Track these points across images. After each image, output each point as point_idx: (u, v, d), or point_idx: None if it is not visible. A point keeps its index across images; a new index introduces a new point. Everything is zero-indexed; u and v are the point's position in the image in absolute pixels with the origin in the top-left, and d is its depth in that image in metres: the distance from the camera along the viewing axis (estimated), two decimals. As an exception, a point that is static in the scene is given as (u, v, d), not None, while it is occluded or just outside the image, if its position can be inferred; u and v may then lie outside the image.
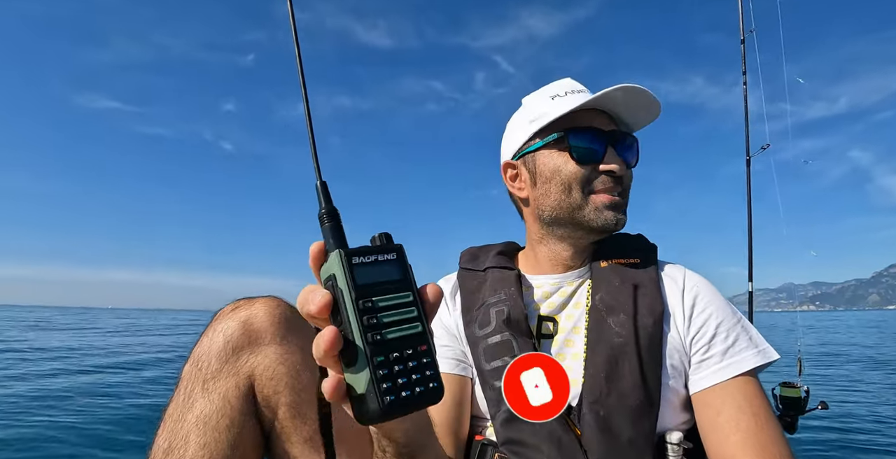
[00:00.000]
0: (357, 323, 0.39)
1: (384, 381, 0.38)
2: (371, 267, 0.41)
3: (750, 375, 0.83)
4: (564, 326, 0.90)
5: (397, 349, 0.40)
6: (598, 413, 0.78)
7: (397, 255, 0.43)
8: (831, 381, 8.26)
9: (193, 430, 0.69)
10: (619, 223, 0.88)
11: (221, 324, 0.76)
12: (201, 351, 0.74)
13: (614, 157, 0.87)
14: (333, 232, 0.44)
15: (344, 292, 0.40)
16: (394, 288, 0.42)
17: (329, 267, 0.41)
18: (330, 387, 0.41)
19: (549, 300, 0.92)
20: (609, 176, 0.87)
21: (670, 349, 0.84)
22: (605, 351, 0.81)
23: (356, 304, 0.39)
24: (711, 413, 0.80)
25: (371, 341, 0.39)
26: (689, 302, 0.87)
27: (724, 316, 0.87)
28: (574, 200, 0.88)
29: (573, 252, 0.94)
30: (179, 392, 0.73)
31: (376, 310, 0.40)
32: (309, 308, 0.40)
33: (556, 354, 0.87)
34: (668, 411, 0.82)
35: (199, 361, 0.73)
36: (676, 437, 0.80)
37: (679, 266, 0.96)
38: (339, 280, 0.40)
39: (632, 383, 0.79)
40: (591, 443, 0.77)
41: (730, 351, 0.83)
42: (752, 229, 3.49)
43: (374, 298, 0.40)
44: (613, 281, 0.88)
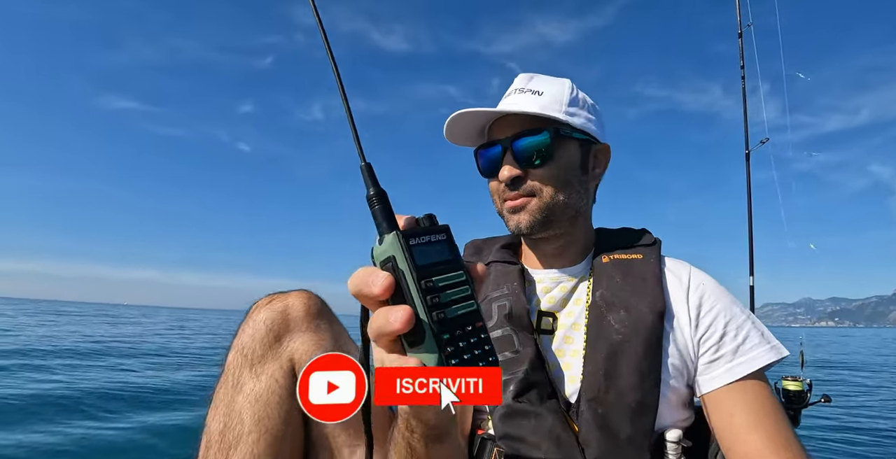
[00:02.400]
0: (423, 303, 0.40)
1: (452, 357, 0.40)
2: (426, 247, 0.42)
3: (761, 373, 0.82)
4: (564, 322, 0.89)
5: (459, 326, 0.41)
6: (596, 411, 0.77)
7: (446, 236, 0.44)
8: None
9: (247, 408, 0.75)
10: (522, 225, 0.88)
11: (261, 315, 0.81)
12: (244, 340, 0.80)
13: (507, 166, 0.86)
14: (385, 214, 0.44)
15: (406, 273, 0.41)
16: (448, 267, 0.43)
17: (386, 249, 0.42)
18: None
19: (548, 295, 0.92)
20: (505, 183, 0.88)
21: (672, 347, 0.83)
22: (604, 349, 0.81)
23: (419, 284, 0.40)
24: (727, 412, 0.79)
25: (437, 319, 0.40)
26: (696, 302, 0.86)
27: (733, 314, 0.86)
28: (498, 209, 0.93)
29: (547, 249, 0.95)
30: (227, 378, 0.78)
31: (437, 290, 0.41)
32: (370, 290, 0.41)
33: (556, 350, 0.87)
34: (667, 409, 0.81)
35: (244, 349, 0.79)
36: (675, 435, 0.80)
37: (684, 262, 0.94)
38: (400, 261, 0.41)
39: (631, 381, 0.78)
40: (589, 440, 0.76)
41: (741, 348, 0.82)
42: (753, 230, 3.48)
43: (434, 278, 0.41)
44: (614, 277, 0.88)
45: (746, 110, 3.62)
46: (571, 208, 0.89)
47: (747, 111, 3.62)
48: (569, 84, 0.92)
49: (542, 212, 0.87)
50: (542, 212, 0.87)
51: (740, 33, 3.71)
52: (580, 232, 0.96)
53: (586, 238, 0.97)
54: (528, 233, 0.89)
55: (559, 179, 0.87)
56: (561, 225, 0.91)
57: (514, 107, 0.87)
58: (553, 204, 0.87)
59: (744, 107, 3.64)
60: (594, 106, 0.94)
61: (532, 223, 0.87)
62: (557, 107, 0.87)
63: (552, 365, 0.85)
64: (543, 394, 0.81)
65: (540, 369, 0.83)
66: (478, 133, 0.94)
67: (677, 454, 0.79)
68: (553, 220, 0.88)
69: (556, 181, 0.87)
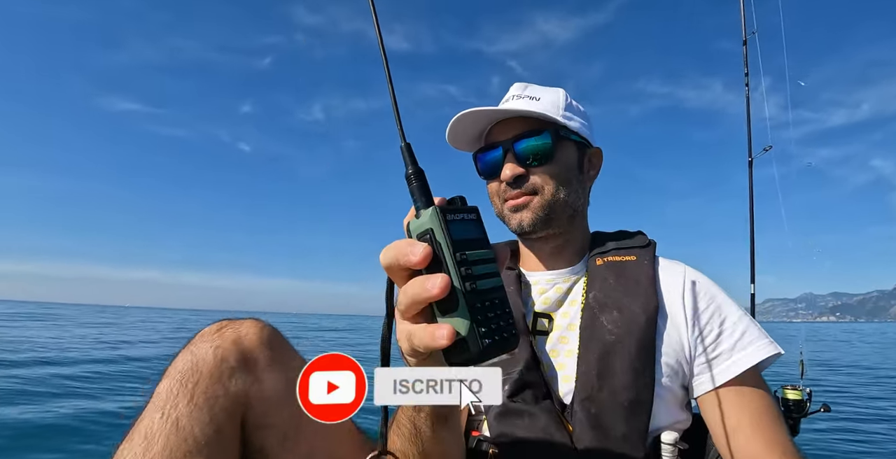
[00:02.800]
0: (457, 273, 0.43)
1: (482, 325, 0.42)
2: (460, 224, 0.45)
3: (758, 373, 0.83)
4: (560, 323, 0.90)
5: (488, 298, 0.44)
6: (589, 411, 0.78)
7: (476, 216, 0.48)
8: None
9: (176, 446, 0.62)
10: (524, 223, 0.91)
11: (210, 343, 0.72)
12: (186, 367, 0.69)
13: (509, 165, 0.90)
14: (422, 191, 0.47)
15: (443, 245, 0.43)
16: (479, 244, 0.46)
17: (424, 222, 0.45)
18: (450, 332, 0.42)
19: (544, 296, 0.93)
20: (508, 184, 0.91)
21: (667, 347, 0.83)
22: (597, 349, 0.81)
23: (454, 256, 0.43)
24: (723, 412, 0.80)
25: (469, 289, 0.43)
26: (691, 301, 0.87)
27: (728, 312, 0.87)
28: (498, 211, 0.96)
29: (544, 250, 0.97)
30: (156, 409, 0.65)
31: (470, 263, 0.44)
32: (408, 258, 0.43)
33: (550, 351, 0.88)
34: (662, 409, 0.82)
35: (184, 378, 0.68)
36: (672, 438, 0.80)
37: (679, 262, 0.95)
38: (437, 234, 0.44)
39: (624, 380, 0.79)
40: (583, 440, 0.77)
41: (737, 345, 0.83)
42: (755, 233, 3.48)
43: (468, 252, 0.44)
44: (608, 279, 0.89)
45: (750, 119, 3.62)
46: (570, 207, 0.92)
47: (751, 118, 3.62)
48: (563, 92, 0.96)
49: (544, 210, 0.90)
50: (544, 210, 0.90)
51: (745, 40, 3.72)
52: (577, 233, 0.98)
53: (582, 239, 0.99)
54: (530, 232, 0.91)
55: (560, 178, 0.90)
56: (561, 223, 0.93)
57: (517, 108, 0.90)
58: (554, 201, 0.90)
59: (747, 116, 3.64)
60: (585, 112, 0.99)
61: (534, 220, 0.90)
62: (555, 111, 0.91)
63: (546, 366, 0.86)
64: (538, 394, 0.82)
65: (534, 369, 0.84)
66: (476, 138, 0.97)
67: (673, 456, 0.79)
68: (553, 218, 0.91)
69: (556, 179, 0.90)
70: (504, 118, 0.93)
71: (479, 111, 0.90)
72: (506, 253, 0.49)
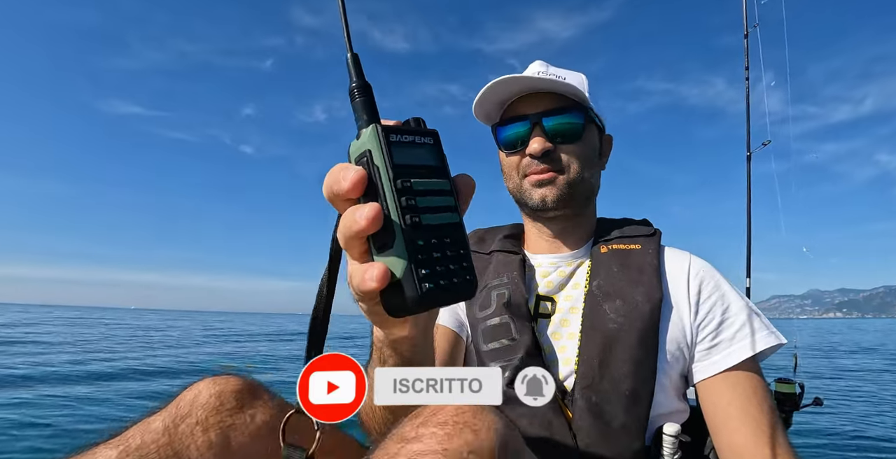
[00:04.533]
0: (395, 203, 0.36)
1: (423, 266, 0.36)
2: (408, 147, 0.38)
3: (756, 362, 0.84)
4: (562, 306, 0.90)
5: (435, 235, 0.37)
6: (590, 399, 0.78)
7: (433, 140, 0.40)
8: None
9: None
10: (548, 199, 0.89)
11: (204, 431, 0.60)
12: (164, 455, 0.57)
13: (536, 138, 0.88)
14: (366, 107, 0.40)
15: (381, 169, 0.37)
16: (431, 173, 0.39)
17: (362, 143, 0.38)
18: (381, 273, 0.36)
19: (546, 279, 0.93)
20: (533, 158, 0.89)
21: (670, 337, 0.84)
22: (599, 338, 0.81)
23: (394, 183, 0.36)
24: (720, 399, 0.80)
25: (410, 223, 0.36)
26: (695, 289, 0.87)
27: (731, 300, 0.87)
28: (514, 185, 0.94)
29: (554, 229, 0.96)
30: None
31: (414, 193, 0.37)
32: (340, 185, 0.37)
33: (552, 333, 0.88)
34: (663, 398, 0.82)
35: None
36: (674, 429, 0.80)
37: (684, 251, 0.95)
38: (376, 156, 0.37)
39: (625, 370, 0.79)
40: (582, 428, 0.77)
41: (738, 334, 0.83)
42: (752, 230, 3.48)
43: (413, 179, 0.37)
44: (612, 267, 0.88)
45: (749, 113, 3.62)
46: (588, 189, 0.93)
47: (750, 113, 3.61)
48: (584, 77, 0.95)
49: (568, 188, 0.89)
50: (568, 188, 0.89)
51: (746, 34, 3.69)
52: (588, 216, 0.98)
53: (590, 223, 0.99)
54: (551, 208, 0.90)
55: (585, 158, 0.91)
56: (578, 204, 0.93)
57: (555, 82, 0.87)
58: (578, 181, 0.90)
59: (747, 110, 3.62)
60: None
61: (557, 197, 0.89)
62: (583, 92, 0.90)
63: (547, 349, 0.86)
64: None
65: (536, 356, 0.83)
66: (496, 109, 0.95)
67: (674, 448, 0.79)
68: (574, 198, 0.91)
69: (581, 159, 0.90)
70: (531, 91, 0.91)
71: (521, 78, 0.87)
72: (473, 183, 0.42)
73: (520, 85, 0.89)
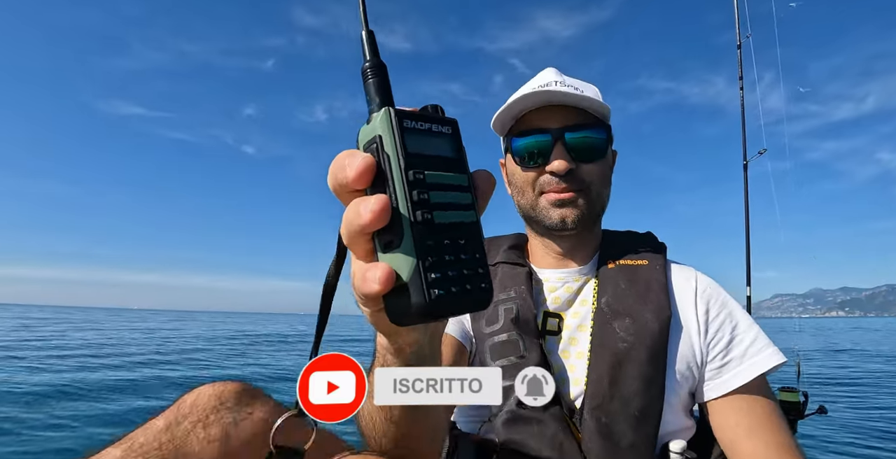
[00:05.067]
0: (406, 197, 0.31)
1: (433, 270, 0.31)
2: (424, 136, 0.34)
3: (765, 379, 0.83)
4: (570, 324, 0.88)
5: (449, 236, 0.33)
6: (599, 420, 0.77)
7: (452, 130, 0.36)
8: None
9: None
10: (568, 220, 0.85)
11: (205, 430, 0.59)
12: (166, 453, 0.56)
13: (560, 156, 0.83)
14: (379, 89, 0.35)
15: (391, 158, 0.32)
16: (447, 166, 0.34)
17: (373, 127, 0.33)
18: (384, 274, 0.31)
19: (554, 295, 0.91)
20: (556, 176, 0.84)
21: (680, 355, 0.83)
22: (608, 357, 0.80)
23: (405, 174, 0.32)
24: (734, 417, 0.80)
25: (420, 220, 0.31)
26: (703, 307, 0.86)
27: (738, 318, 0.87)
28: (528, 201, 0.89)
29: (564, 246, 0.93)
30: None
31: (427, 186, 0.32)
32: (345, 173, 0.32)
33: (561, 352, 0.86)
34: (671, 416, 0.81)
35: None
36: (679, 446, 0.79)
37: (689, 267, 0.94)
38: (387, 143, 0.32)
39: (635, 389, 0.77)
40: (592, 449, 0.76)
41: (748, 351, 0.83)
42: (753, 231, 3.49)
43: (427, 172, 0.33)
44: (620, 284, 0.87)
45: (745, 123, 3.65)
46: (603, 207, 0.91)
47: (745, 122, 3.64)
48: (597, 89, 0.92)
49: (588, 208, 0.86)
50: (588, 208, 0.86)
51: (739, 44, 3.74)
52: (596, 232, 0.96)
53: (596, 238, 0.96)
54: (571, 228, 0.86)
55: (605, 177, 0.88)
56: (594, 222, 0.91)
57: (582, 98, 0.83)
58: (597, 201, 0.88)
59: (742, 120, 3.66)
60: None
61: (578, 218, 0.85)
62: (606, 108, 0.86)
63: (556, 368, 0.84)
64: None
65: None
66: (510, 118, 0.90)
67: None
68: (592, 218, 0.89)
69: (603, 178, 0.88)
70: (553, 104, 0.85)
71: (552, 92, 0.83)
72: (493, 181, 0.38)
73: (542, 97, 0.84)
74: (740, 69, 3.67)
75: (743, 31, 3.74)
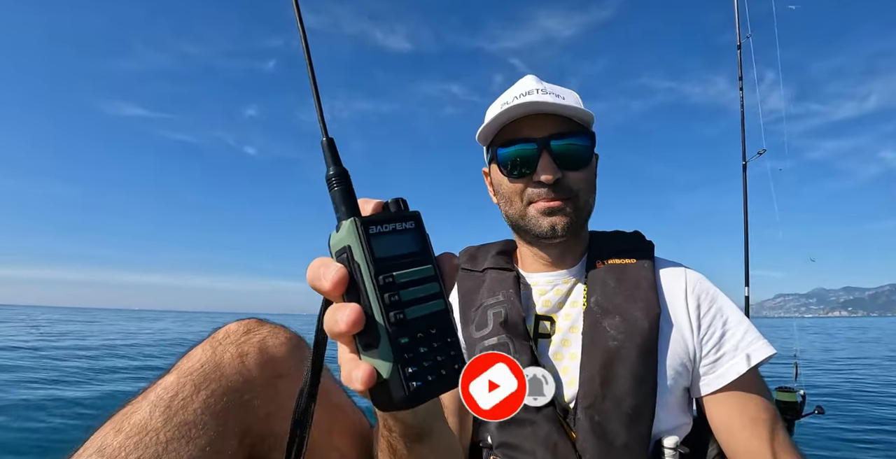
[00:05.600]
0: (378, 302, 0.35)
1: (410, 365, 0.35)
2: (389, 237, 0.37)
3: (757, 371, 0.84)
4: (562, 326, 0.89)
5: (421, 329, 0.37)
6: (592, 418, 0.77)
7: (415, 224, 0.39)
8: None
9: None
10: (558, 227, 0.86)
11: (236, 347, 0.68)
12: (207, 369, 0.64)
13: (547, 166, 0.84)
14: (344, 198, 0.38)
15: (361, 266, 0.35)
16: (414, 261, 0.38)
17: (342, 237, 0.37)
18: (366, 375, 0.35)
19: (544, 297, 0.92)
20: (543, 185, 0.85)
21: (671, 352, 0.83)
22: (600, 355, 0.81)
23: (376, 281, 0.35)
24: (733, 411, 0.81)
25: (394, 321, 0.35)
26: (694, 303, 0.87)
27: (729, 312, 0.88)
28: (517, 211, 0.90)
29: (553, 253, 0.94)
30: (157, 404, 0.58)
31: (397, 287, 0.36)
32: (321, 284, 0.36)
33: (553, 354, 0.87)
34: (665, 414, 0.82)
35: (199, 380, 0.62)
36: (672, 442, 0.80)
37: (678, 264, 0.95)
38: (356, 252, 0.36)
39: (627, 387, 0.78)
40: (586, 448, 0.77)
41: (740, 345, 0.84)
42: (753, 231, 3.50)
43: (395, 273, 0.36)
44: (608, 283, 0.88)
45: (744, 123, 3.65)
46: (590, 213, 0.92)
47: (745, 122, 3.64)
48: (577, 95, 0.93)
49: (577, 215, 0.88)
50: (577, 215, 0.88)
51: (739, 44, 3.74)
52: (584, 236, 0.97)
53: (584, 241, 0.98)
54: (560, 236, 0.87)
55: (591, 183, 0.90)
56: (582, 228, 0.93)
57: (566, 107, 0.84)
58: (584, 208, 0.89)
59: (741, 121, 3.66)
60: None
61: (568, 225, 0.86)
62: (590, 114, 0.87)
63: (550, 371, 0.85)
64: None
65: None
66: (494, 129, 0.90)
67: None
68: (580, 224, 0.90)
69: (589, 185, 0.89)
70: (537, 113, 0.86)
71: (534, 103, 0.83)
72: (454, 263, 0.41)
73: (529, 107, 0.85)
74: (740, 70, 3.67)
75: (743, 31, 3.75)
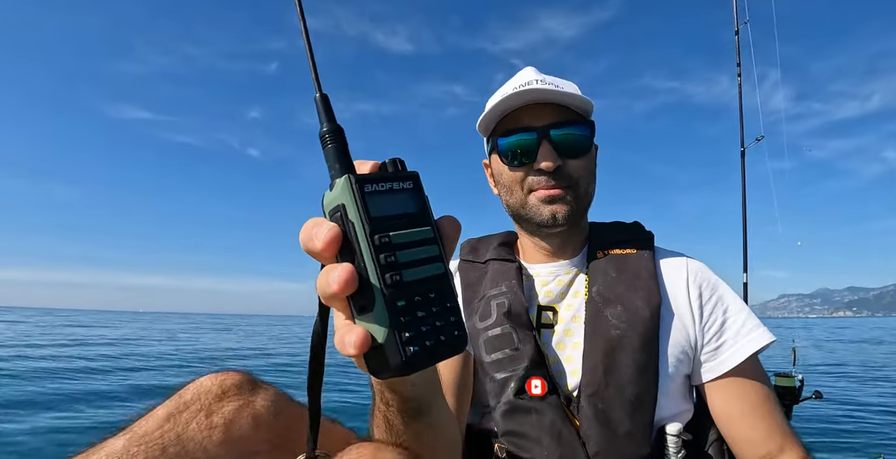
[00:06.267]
0: (373, 262, 0.33)
1: (406, 329, 0.33)
2: (385, 196, 0.35)
3: (757, 358, 0.86)
4: (564, 316, 0.90)
5: (419, 292, 0.35)
6: (596, 406, 0.79)
7: (413, 184, 0.37)
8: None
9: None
10: (559, 215, 0.87)
11: (207, 416, 0.59)
12: (168, 439, 0.56)
13: (547, 154, 0.85)
14: (338, 155, 0.37)
15: (356, 225, 0.34)
16: (411, 221, 0.36)
17: (336, 196, 0.35)
18: (359, 339, 0.33)
19: (546, 288, 0.92)
20: (544, 174, 0.86)
21: (673, 340, 0.84)
22: (602, 344, 0.82)
23: (371, 240, 0.33)
24: (734, 397, 0.83)
25: (390, 283, 0.33)
26: (696, 291, 0.88)
27: (730, 300, 0.89)
28: (517, 200, 0.90)
29: (554, 243, 0.94)
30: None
31: (394, 247, 0.34)
32: (313, 244, 0.35)
33: (557, 344, 0.88)
34: (667, 401, 0.83)
35: (163, 452, 0.55)
36: (675, 429, 0.81)
37: (678, 253, 0.96)
38: (350, 211, 0.34)
39: (629, 375, 0.79)
40: (590, 435, 0.78)
41: (741, 331, 0.85)
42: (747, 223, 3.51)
43: (392, 233, 0.34)
44: (609, 273, 0.89)
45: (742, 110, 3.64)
46: (590, 201, 0.93)
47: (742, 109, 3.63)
48: (576, 86, 0.93)
49: (577, 204, 0.88)
50: (577, 204, 0.88)
51: (737, 30, 3.71)
52: (584, 226, 0.98)
53: (584, 231, 0.99)
54: (561, 225, 0.88)
55: (590, 172, 0.90)
56: (582, 217, 0.94)
57: (564, 94, 0.84)
58: (585, 195, 0.90)
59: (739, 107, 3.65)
60: None
61: (568, 214, 0.87)
62: (589, 103, 0.87)
63: (552, 360, 0.86)
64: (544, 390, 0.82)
65: (540, 365, 0.83)
66: (494, 119, 0.91)
67: (678, 447, 0.80)
68: (580, 212, 0.91)
69: (589, 173, 0.90)
70: (536, 102, 0.87)
71: (536, 90, 0.84)
72: (458, 225, 0.40)
73: (529, 96, 0.85)
74: (738, 56, 3.65)
75: (741, 16, 3.71)
